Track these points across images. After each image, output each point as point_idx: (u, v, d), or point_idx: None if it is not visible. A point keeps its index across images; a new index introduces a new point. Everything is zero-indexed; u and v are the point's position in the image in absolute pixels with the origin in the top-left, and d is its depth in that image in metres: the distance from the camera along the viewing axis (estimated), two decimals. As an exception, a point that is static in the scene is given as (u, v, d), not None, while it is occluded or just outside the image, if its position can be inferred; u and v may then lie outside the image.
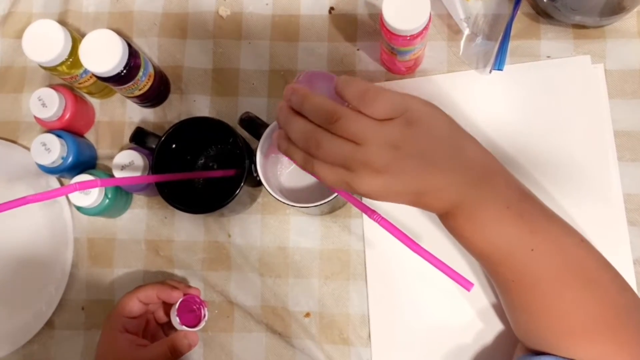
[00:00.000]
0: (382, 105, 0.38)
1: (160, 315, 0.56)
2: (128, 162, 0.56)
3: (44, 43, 0.53)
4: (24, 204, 0.41)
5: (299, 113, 0.41)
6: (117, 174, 0.56)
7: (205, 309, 0.52)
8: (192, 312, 0.52)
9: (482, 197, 0.41)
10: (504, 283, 0.44)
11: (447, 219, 0.43)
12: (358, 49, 0.61)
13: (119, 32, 0.56)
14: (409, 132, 0.38)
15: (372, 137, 0.38)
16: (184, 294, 0.53)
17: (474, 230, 0.42)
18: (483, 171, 0.41)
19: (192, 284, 0.59)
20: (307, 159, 0.40)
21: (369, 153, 0.38)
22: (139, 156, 0.56)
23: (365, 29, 0.61)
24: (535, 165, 0.56)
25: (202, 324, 0.52)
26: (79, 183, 0.44)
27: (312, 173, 0.41)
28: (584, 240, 0.44)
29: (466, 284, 0.40)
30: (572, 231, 0.44)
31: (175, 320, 0.52)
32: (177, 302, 0.52)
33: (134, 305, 0.53)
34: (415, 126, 0.39)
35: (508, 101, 0.58)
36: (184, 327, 0.51)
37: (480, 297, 0.55)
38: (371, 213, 0.43)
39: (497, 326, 0.54)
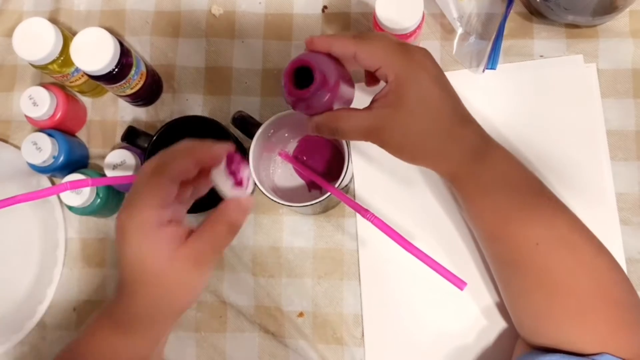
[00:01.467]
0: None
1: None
2: (120, 162, 0.56)
3: (35, 41, 0.53)
4: (14, 203, 0.41)
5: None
6: (109, 173, 0.56)
7: (248, 168, 0.39)
8: (233, 175, 0.38)
9: (486, 162, 0.43)
10: (524, 251, 0.44)
11: (457, 184, 0.45)
12: (351, 48, 0.60)
13: (111, 31, 0.56)
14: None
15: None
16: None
17: (473, 195, 0.44)
18: (485, 139, 0.45)
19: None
20: (360, 33, 0.42)
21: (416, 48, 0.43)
22: (131, 155, 0.56)
23: (359, 28, 0.61)
24: (528, 164, 0.56)
25: (251, 186, 0.39)
26: (69, 182, 0.44)
27: (363, 45, 0.41)
28: (577, 218, 0.45)
29: (459, 283, 0.40)
30: (566, 207, 0.46)
31: (228, 183, 0.38)
32: (222, 161, 0.38)
33: (171, 190, 0.37)
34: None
35: (501, 101, 0.58)
36: (237, 192, 0.38)
37: (474, 297, 0.55)
38: (364, 212, 0.43)
39: (493, 326, 0.54)
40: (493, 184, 0.43)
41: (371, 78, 0.46)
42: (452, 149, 0.43)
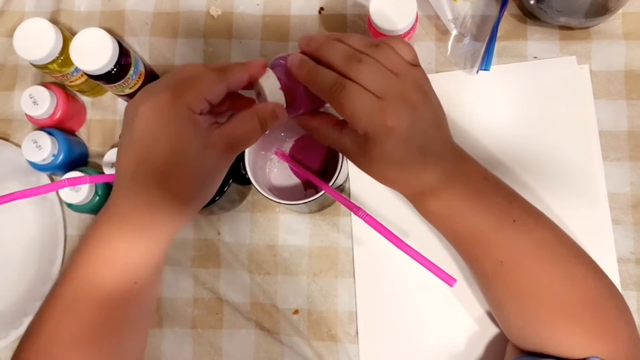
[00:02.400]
0: (411, 50, 0.40)
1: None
2: None
3: (35, 41, 0.54)
4: (12, 199, 0.41)
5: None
6: (108, 171, 0.56)
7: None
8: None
9: (457, 178, 0.42)
10: (489, 270, 0.44)
11: (424, 202, 0.43)
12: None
13: (111, 31, 0.56)
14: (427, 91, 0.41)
15: (406, 72, 0.39)
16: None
17: (451, 213, 0.43)
18: (455, 155, 0.43)
19: (182, 281, 0.59)
20: (339, 79, 0.38)
21: (406, 85, 0.39)
22: None
23: (355, 29, 0.61)
24: (521, 165, 0.57)
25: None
26: (67, 179, 0.45)
27: (337, 98, 0.38)
28: (557, 227, 0.45)
29: (449, 280, 0.40)
30: (546, 217, 0.45)
31: (275, 86, 0.40)
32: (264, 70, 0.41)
33: (220, 89, 0.38)
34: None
35: (494, 102, 0.58)
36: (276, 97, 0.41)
37: (467, 295, 0.55)
38: (356, 209, 0.43)
39: (485, 324, 0.55)
40: (457, 204, 0.43)
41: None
42: (413, 184, 0.42)
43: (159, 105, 0.36)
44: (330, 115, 0.43)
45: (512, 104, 0.58)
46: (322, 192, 0.49)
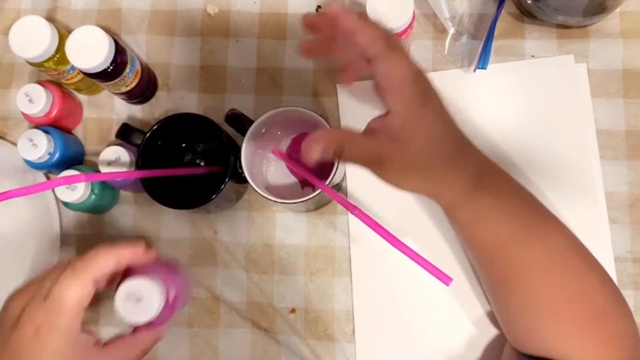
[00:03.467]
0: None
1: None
2: (114, 158, 0.56)
3: (31, 39, 0.54)
4: (8, 198, 0.41)
5: None
6: (104, 169, 0.56)
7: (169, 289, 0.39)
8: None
9: (481, 190, 0.42)
10: (510, 278, 0.44)
11: (450, 211, 0.44)
12: (345, 48, 0.61)
13: (107, 29, 0.56)
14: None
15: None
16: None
17: (478, 219, 0.43)
18: (481, 166, 0.43)
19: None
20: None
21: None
22: (126, 152, 0.56)
23: (352, 28, 0.61)
24: (518, 164, 0.56)
25: (157, 310, 0.39)
26: (63, 178, 0.45)
27: (390, 55, 0.38)
28: (573, 236, 0.45)
29: (445, 279, 0.40)
30: (563, 225, 0.45)
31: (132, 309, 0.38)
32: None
33: (89, 290, 0.38)
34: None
35: (492, 101, 0.58)
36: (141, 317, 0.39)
37: (465, 295, 0.55)
38: (352, 208, 0.43)
39: (483, 324, 0.55)
40: (489, 211, 0.43)
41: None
42: (451, 181, 0.42)
43: (46, 324, 0.36)
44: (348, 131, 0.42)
45: (510, 103, 0.58)
46: (319, 190, 0.49)
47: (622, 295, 0.45)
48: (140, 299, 0.38)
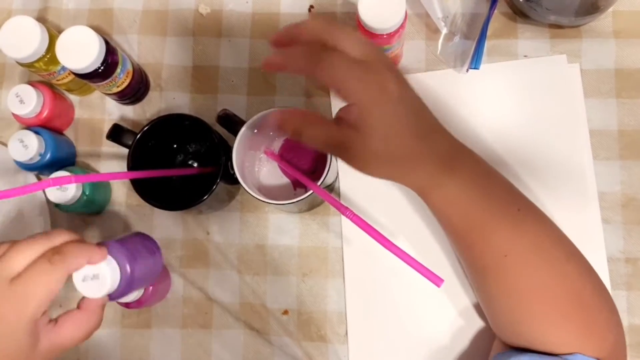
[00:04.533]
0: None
1: None
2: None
3: (21, 39, 0.53)
4: (-2, 199, 0.41)
5: None
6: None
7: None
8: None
9: (460, 168, 0.42)
10: (489, 263, 0.44)
11: (424, 195, 0.43)
12: (337, 48, 0.61)
13: (99, 29, 0.56)
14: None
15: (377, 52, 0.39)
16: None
17: (454, 204, 0.43)
18: (452, 151, 0.43)
19: (171, 279, 0.59)
20: (323, 50, 0.38)
21: (386, 55, 0.40)
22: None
23: (345, 28, 0.61)
24: (511, 164, 0.56)
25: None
26: (52, 179, 0.44)
27: (323, 68, 0.37)
28: (551, 223, 0.45)
29: (436, 280, 0.40)
30: (541, 213, 0.45)
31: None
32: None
33: (61, 285, 0.39)
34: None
35: (485, 101, 0.58)
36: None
37: (458, 296, 0.55)
38: (344, 209, 0.43)
39: (476, 324, 0.55)
40: (461, 194, 0.42)
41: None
42: (419, 166, 0.41)
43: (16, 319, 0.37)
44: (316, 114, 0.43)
45: (503, 103, 0.58)
46: (311, 191, 0.49)
47: (605, 286, 0.45)
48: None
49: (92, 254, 0.40)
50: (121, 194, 0.61)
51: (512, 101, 0.58)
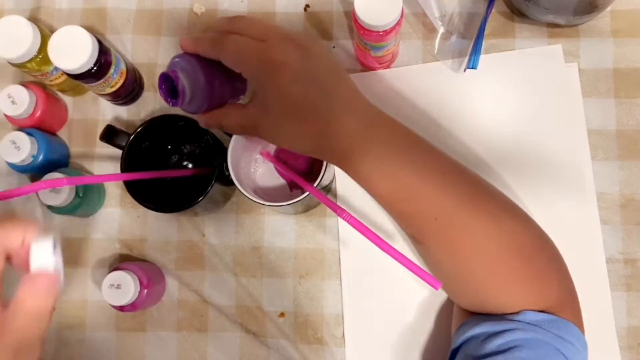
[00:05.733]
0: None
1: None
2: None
3: (12, 39, 0.53)
4: (-13, 202, 0.40)
5: None
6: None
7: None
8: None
9: (379, 135, 0.43)
10: (424, 228, 0.44)
11: (351, 164, 0.43)
12: (334, 47, 0.60)
13: (92, 29, 0.55)
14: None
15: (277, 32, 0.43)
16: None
17: (380, 172, 0.42)
18: (369, 115, 0.43)
19: (166, 282, 0.58)
20: (222, 34, 0.42)
21: (287, 31, 0.43)
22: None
23: (341, 26, 0.60)
24: (509, 164, 0.56)
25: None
26: (44, 181, 0.44)
27: (222, 47, 0.42)
28: (482, 184, 0.45)
29: (434, 283, 0.39)
30: (468, 172, 0.45)
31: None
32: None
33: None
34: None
35: (482, 101, 0.58)
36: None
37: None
38: (340, 211, 0.42)
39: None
40: (383, 160, 0.42)
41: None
42: (329, 131, 0.41)
43: None
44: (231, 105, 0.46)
45: (500, 103, 0.57)
46: (307, 193, 0.48)
47: (545, 233, 0.45)
48: (120, 286, 0.51)
49: (27, 228, 0.35)
50: (115, 196, 0.60)
51: (510, 102, 0.57)
